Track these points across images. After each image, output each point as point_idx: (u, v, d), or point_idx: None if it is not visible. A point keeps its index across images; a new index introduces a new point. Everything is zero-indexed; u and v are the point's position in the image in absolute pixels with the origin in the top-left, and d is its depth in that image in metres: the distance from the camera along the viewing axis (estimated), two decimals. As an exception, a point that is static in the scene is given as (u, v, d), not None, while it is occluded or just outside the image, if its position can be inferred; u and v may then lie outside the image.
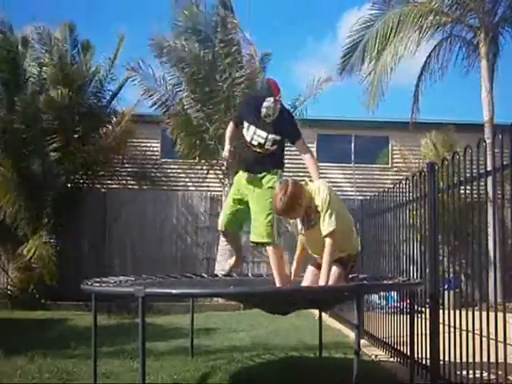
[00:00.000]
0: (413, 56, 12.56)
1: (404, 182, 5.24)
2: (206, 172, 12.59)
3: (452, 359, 4.01)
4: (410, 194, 5.09)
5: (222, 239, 11.77)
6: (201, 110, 11.56)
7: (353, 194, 13.80)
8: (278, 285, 4.33)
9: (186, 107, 11.76)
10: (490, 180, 3.77)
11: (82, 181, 12.46)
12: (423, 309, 4.59)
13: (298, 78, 36.69)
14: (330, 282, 3.85)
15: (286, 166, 4.64)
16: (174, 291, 3.76)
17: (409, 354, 4.51)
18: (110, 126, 12.34)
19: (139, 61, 11.70)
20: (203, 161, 12.17)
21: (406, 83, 21.23)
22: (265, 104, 4.33)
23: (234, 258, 5.11)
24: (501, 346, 3.33)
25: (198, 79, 11.40)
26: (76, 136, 11.72)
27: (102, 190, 13.40)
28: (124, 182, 13.67)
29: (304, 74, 33.16)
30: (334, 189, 4.08)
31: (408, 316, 4.63)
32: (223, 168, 11.57)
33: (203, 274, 5.83)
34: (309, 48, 37.62)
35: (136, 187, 13.57)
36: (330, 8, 34.82)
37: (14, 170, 11.00)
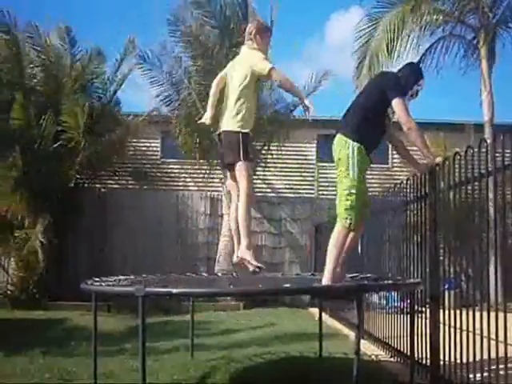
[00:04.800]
0: (415, 55, 12.48)
1: (404, 182, 5.23)
2: (206, 172, 12.56)
3: (452, 359, 4.00)
4: (411, 194, 5.09)
5: (223, 239, 11.72)
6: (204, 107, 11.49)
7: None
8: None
9: (189, 104, 11.73)
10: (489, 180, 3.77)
11: (82, 180, 12.44)
12: (423, 309, 4.59)
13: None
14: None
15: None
16: (174, 290, 3.72)
17: (409, 353, 4.51)
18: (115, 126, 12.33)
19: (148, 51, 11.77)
20: (203, 160, 12.16)
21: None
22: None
23: None
24: (501, 345, 3.33)
25: (207, 67, 11.28)
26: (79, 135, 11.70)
27: (102, 189, 13.40)
28: (124, 181, 13.67)
29: (291, 73, 32.94)
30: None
31: (408, 316, 4.63)
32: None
33: (203, 274, 5.82)
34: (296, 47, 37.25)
35: (136, 187, 13.57)
36: (318, 8, 34.52)
37: (13, 170, 11.00)
